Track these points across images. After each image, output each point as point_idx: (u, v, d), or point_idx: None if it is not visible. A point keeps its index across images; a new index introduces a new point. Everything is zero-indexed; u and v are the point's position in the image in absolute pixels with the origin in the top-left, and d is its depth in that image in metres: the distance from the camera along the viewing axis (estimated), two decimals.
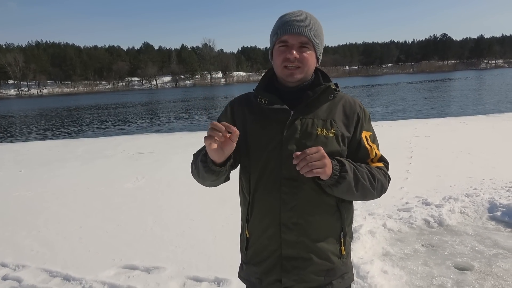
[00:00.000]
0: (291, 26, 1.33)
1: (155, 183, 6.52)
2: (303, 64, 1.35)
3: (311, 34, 1.34)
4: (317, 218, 1.38)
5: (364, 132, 1.41)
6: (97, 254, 3.83)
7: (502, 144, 8.10)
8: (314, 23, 1.37)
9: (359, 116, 1.41)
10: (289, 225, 1.38)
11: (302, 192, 1.36)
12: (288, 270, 1.41)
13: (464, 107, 19.58)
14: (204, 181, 1.43)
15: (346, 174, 1.26)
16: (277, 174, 1.36)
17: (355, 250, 3.49)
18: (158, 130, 17.26)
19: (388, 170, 1.45)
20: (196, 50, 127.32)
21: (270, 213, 1.40)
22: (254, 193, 1.43)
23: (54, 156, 9.94)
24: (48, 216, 5.08)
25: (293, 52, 1.32)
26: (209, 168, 1.30)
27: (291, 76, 1.36)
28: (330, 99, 1.40)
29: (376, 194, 1.39)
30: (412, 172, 6.22)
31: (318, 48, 1.38)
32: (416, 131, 10.71)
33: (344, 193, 1.31)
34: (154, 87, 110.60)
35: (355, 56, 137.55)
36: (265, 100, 1.40)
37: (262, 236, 1.44)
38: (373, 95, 32.51)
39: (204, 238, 4.08)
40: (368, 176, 1.34)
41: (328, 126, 1.36)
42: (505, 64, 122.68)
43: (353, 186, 1.29)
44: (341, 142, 1.37)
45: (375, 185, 1.35)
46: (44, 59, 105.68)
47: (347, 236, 1.47)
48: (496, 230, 3.97)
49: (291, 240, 1.39)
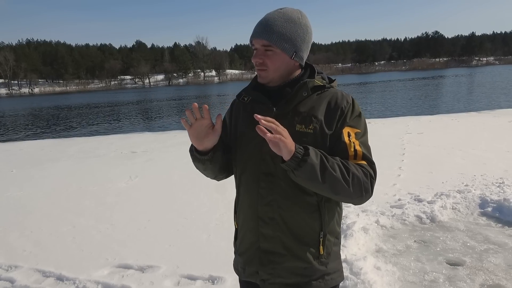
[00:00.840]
0: (255, 30, 1.37)
1: (148, 182, 6.50)
2: (267, 67, 1.38)
3: (273, 37, 1.33)
4: (293, 215, 1.38)
5: (348, 128, 1.36)
6: (91, 253, 3.82)
7: (493, 141, 8.19)
8: (281, 23, 1.34)
9: (343, 110, 1.37)
10: (265, 219, 1.41)
11: (278, 188, 1.38)
12: (264, 264, 1.44)
13: (456, 104, 19.77)
14: (199, 170, 1.54)
15: (308, 157, 1.21)
16: (256, 169, 1.41)
17: (348, 246, 3.52)
18: (151, 128, 17.19)
19: (374, 170, 1.35)
20: (189, 48, 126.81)
21: (250, 206, 1.45)
22: (239, 187, 1.51)
23: (46, 156, 9.86)
24: (40, 216, 5.05)
25: (256, 57, 1.39)
26: (194, 155, 1.45)
27: (260, 77, 1.42)
28: (304, 95, 1.38)
29: (353, 191, 1.28)
30: (404, 169, 6.26)
31: (285, 50, 1.36)
32: (408, 128, 10.79)
33: (308, 180, 1.24)
34: (147, 85, 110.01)
35: (348, 53, 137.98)
36: (248, 98, 1.47)
37: (244, 228, 1.50)
38: (366, 93, 32.65)
39: (198, 236, 4.08)
40: (340, 167, 1.26)
41: (307, 122, 1.35)
42: (496, 61, 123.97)
43: (319, 174, 1.22)
44: (320, 138, 1.35)
45: (349, 180, 1.26)
46: (35, 57, 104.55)
47: (329, 236, 1.44)
48: (487, 225, 4.02)
49: (267, 234, 1.42)
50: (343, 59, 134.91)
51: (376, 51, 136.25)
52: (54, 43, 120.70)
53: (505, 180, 5.30)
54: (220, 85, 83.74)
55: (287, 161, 1.22)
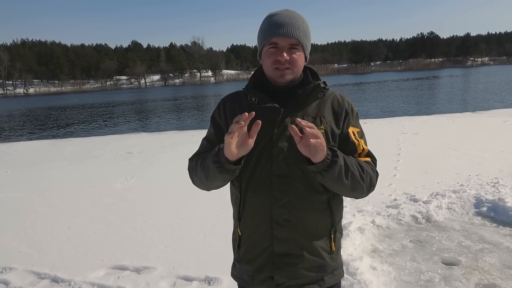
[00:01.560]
0: (281, 28, 1.33)
1: (144, 183, 6.48)
2: (293, 66, 1.37)
3: (300, 35, 1.35)
4: (308, 214, 1.40)
5: (351, 128, 1.43)
6: (86, 255, 3.80)
7: (488, 141, 8.24)
8: (302, 23, 1.38)
9: (347, 112, 1.44)
10: (280, 222, 1.39)
11: (293, 189, 1.37)
12: (280, 267, 1.43)
13: (451, 105, 19.86)
14: (211, 184, 1.41)
15: (338, 158, 1.26)
16: (268, 172, 1.38)
17: (344, 247, 3.52)
18: (147, 129, 17.14)
19: (376, 166, 1.46)
20: (185, 49, 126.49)
21: (262, 210, 1.41)
22: (246, 191, 1.44)
23: (42, 157, 9.81)
24: (35, 217, 5.02)
25: (284, 55, 1.34)
26: (224, 167, 1.29)
27: (282, 77, 1.38)
28: (319, 97, 1.43)
29: (365, 188, 1.37)
30: (400, 169, 6.29)
31: (307, 48, 1.41)
32: (404, 128, 10.83)
33: (335, 180, 1.28)
34: (143, 85, 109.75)
35: (344, 54, 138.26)
36: (255, 99, 1.42)
37: (254, 234, 1.45)
38: (362, 93, 32.74)
39: (194, 237, 4.07)
40: (357, 166, 1.34)
41: (318, 123, 1.38)
42: (490, 61, 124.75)
43: (343, 173, 1.28)
44: (331, 138, 1.39)
45: (364, 177, 1.35)
46: (30, 57, 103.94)
47: (337, 233, 1.49)
48: (482, 225, 4.05)
49: (282, 237, 1.41)
50: (339, 59, 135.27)
51: (372, 51, 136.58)
52: (49, 43, 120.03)
53: (499, 180, 5.33)
54: (216, 85, 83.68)
55: (318, 163, 1.24)
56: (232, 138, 1.21)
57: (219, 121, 1.50)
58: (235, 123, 1.20)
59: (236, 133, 1.20)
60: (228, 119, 1.47)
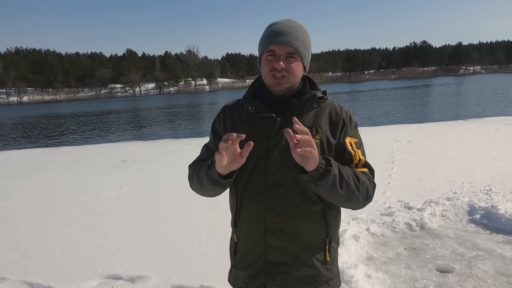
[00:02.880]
0: (279, 37, 1.36)
1: (139, 192, 6.45)
2: (289, 74, 1.38)
3: (298, 44, 1.37)
4: (302, 224, 1.40)
5: (349, 138, 1.42)
6: (80, 264, 3.77)
7: (480, 148, 8.32)
8: (301, 33, 1.40)
9: (344, 122, 1.43)
10: (273, 231, 1.40)
11: (287, 198, 1.38)
12: (273, 275, 1.43)
13: (444, 113, 20.06)
14: (206, 192, 1.47)
15: (331, 167, 1.25)
16: (263, 180, 1.39)
17: (339, 254, 3.50)
18: (141, 137, 17.09)
19: (374, 177, 1.44)
20: (180, 57, 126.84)
21: (256, 218, 1.42)
22: (241, 199, 1.46)
23: (35, 165, 9.74)
24: (28, 226, 4.97)
25: (280, 63, 1.36)
26: (216, 181, 1.33)
27: (278, 85, 1.40)
28: (314, 107, 1.42)
29: (362, 199, 1.35)
30: (394, 176, 6.33)
31: (305, 58, 1.42)
32: (398, 136, 10.90)
33: (329, 190, 1.27)
34: (137, 94, 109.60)
35: (338, 62, 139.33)
36: (252, 108, 1.44)
37: (248, 241, 1.47)
38: (356, 101, 32.96)
39: (189, 246, 4.05)
40: (353, 176, 1.33)
41: (314, 132, 1.37)
42: (482, 70, 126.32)
43: (338, 183, 1.27)
44: (327, 148, 1.39)
45: (360, 187, 1.33)
46: (24, 66, 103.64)
47: (333, 243, 1.48)
48: (476, 232, 4.07)
49: (276, 245, 1.41)
50: (333, 68, 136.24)
51: (365, 60, 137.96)
52: (44, 51, 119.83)
53: (492, 187, 5.38)
54: (211, 94, 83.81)
55: (311, 172, 1.23)
56: (222, 156, 1.23)
57: (218, 129, 1.53)
58: (223, 142, 1.21)
59: (225, 152, 1.22)
60: (227, 127, 1.50)
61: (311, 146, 1.19)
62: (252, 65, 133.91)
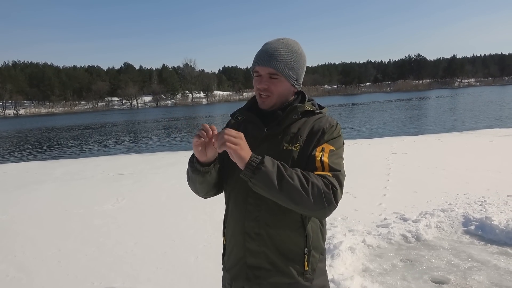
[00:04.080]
0: (260, 58, 1.46)
1: (135, 204, 6.45)
2: (272, 94, 1.47)
3: (279, 65, 1.44)
4: (278, 231, 1.44)
5: (324, 144, 1.42)
6: (76, 277, 3.76)
7: (475, 160, 8.40)
8: (285, 54, 1.46)
9: (323, 131, 1.44)
10: (251, 235, 1.46)
11: (265, 205, 1.43)
12: (250, 279, 1.48)
13: (439, 125, 20.22)
14: (194, 184, 1.53)
15: (263, 165, 1.26)
16: (245, 186, 1.41)
17: (335, 266, 3.55)
18: (138, 150, 17.09)
19: (339, 181, 1.36)
20: (178, 70, 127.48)
21: (238, 222, 1.50)
22: (228, 203, 1.57)
23: (31, 178, 9.71)
24: (24, 240, 4.96)
25: (262, 83, 1.46)
26: (195, 167, 1.44)
27: (263, 103, 1.50)
28: (294, 118, 1.48)
29: (313, 201, 1.28)
30: (390, 188, 6.37)
31: (289, 77, 1.47)
32: (393, 148, 10.99)
33: (266, 188, 1.28)
34: (134, 107, 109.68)
35: (334, 75, 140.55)
36: (241, 117, 1.56)
37: (232, 243, 1.54)
38: (352, 114, 33.18)
39: (186, 258, 4.06)
40: (299, 177, 1.29)
41: (294, 141, 1.44)
42: (477, 83, 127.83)
43: (276, 182, 1.26)
44: (306, 156, 1.42)
45: (309, 189, 1.28)
46: (21, 79, 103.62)
47: (314, 252, 1.48)
48: (471, 243, 4.11)
49: (253, 249, 1.47)
50: (329, 80, 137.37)
51: (361, 73, 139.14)
52: (41, 65, 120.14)
53: (487, 198, 5.44)
54: (208, 106, 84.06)
55: (243, 170, 1.29)
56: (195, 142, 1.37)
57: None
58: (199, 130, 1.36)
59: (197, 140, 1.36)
60: None
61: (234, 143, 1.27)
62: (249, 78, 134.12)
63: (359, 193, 5.85)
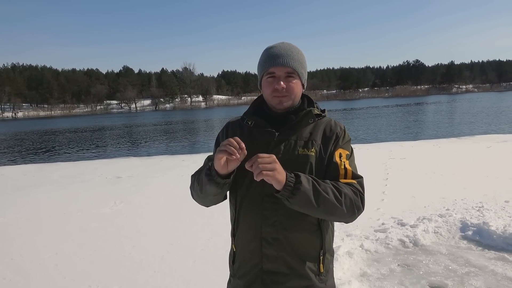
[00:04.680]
0: (277, 59, 1.46)
1: (133, 208, 6.44)
2: (290, 93, 1.48)
3: (295, 64, 1.47)
4: (296, 234, 1.45)
5: (340, 150, 1.47)
6: (73, 281, 3.75)
7: (472, 166, 8.42)
8: (297, 53, 1.50)
9: (337, 136, 1.50)
10: (269, 240, 1.46)
11: (282, 209, 1.43)
12: (268, 284, 1.48)
13: (437, 130, 20.29)
14: (206, 197, 1.48)
15: (301, 185, 1.28)
16: (260, 191, 1.45)
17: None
18: (137, 153, 17.07)
19: (362, 187, 1.45)
20: (177, 74, 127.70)
21: (253, 228, 1.48)
22: (240, 209, 1.53)
23: (29, 181, 9.69)
24: (21, 242, 4.94)
25: (281, 83, 1.46)
26: (214, 180, 1.38)
27: (281, 104, 1.49)
28: (310, 123, 1.51)
29: (346, 211, 1.36)
30: (388, 193, 6.38)
31: (302, 76, 1.52)
32: (391, 153, 11.01)
33: (304, 206, 1.32)
34: (133, 110, 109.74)
35: (333, 80, 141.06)
36: (252, 122, 1.54)
37: (245, 250, 1.52)
38: (351, 119, 33.25)
39: (184, 262, 4.05)
40: (332, 190, 1.34)
41: (309, 146, 1.46)
42: (474, 89, 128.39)
43: (313, 199, 1.30)
44: (320, 160, 1.46)
45: (342, 200, 1.34)
46: (20, 81, 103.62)
47: (327, 254, 1.52)
48: (468, 249, 4.12)
49: (271, 254, 1.46)
50: (328, 85, 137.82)
51: (360, 78, 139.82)
52: (40, 67, 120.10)
53: (484, 204, 5.45)
54: (206, 110, 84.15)
55: (281, 191, 1.29)
56: (221, 157, 1.32)
57: (220, 140, 1.62)
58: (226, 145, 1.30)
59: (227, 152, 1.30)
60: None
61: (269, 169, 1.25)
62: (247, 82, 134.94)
63: None
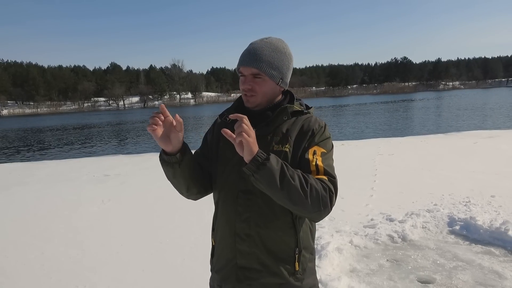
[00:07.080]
0: (243, 59, 1.45)
1: (121, 206, 6.37)
2: (256, 93, 1.46)
3: (261, 65, 1.42)
4: (269, 231, 1.44)
5: (315, 147, 1.43)
6: (60, 281, 3.68)
7: (459, 161, 8.54)
8: (268, 53, 1.44)
9: (313, 132, 1.45)
10: (242, 236, 1.45)
11: (255, 206, 1.43)
12: (241, 280, 1.47)
13: (425, 127, 20.53)
14: (171, 181, 1.50)
15: (268, 161, 1.26)
16: (235, 187, 1.45)
17: (322, 267, 3.55)
18: (125, 151, 16.90)
19: (335, 185, 1.39)
20: (165, 71, 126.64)
21: (228, 223, 1.48)
22: (218, 204, 1.55)
23: (14, 180, 9.50)
24: (6, 242, 4.84)
25: (245, 84, 1.45)
26: (162, 158, 1.42)
27: (248, 102, 1.49)
28: (285, 120, 1.48)
29: (311, 203, 1.30)
30: (376, 189, 6.42)
31: (273, 77, 1.46)
32: (379, 149, 11.09)
33: (268, 186, 1.28)
34: (121, 107, 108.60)
35: (322, 77, 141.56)
36: (230, 119, 1.52)
37: (222, 245, 1.53)
38: (339, 115, 33.45)
39: (173, 260, 4.02)
40: (300, 178, 1.30)
41: (284, 142, 1.44)
42: (461, 85, 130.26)
43: (278, 180, 1.26)
44: (293, 156, 1.43)
45: (307, 190, 1.29)
46: (4, 78, 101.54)
47: (304, 252, 1.49)
48: (456, 243, 4.16)
49: (244, 250, 1.46)
50: (317, 82, 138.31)
51: (348, 75, 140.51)
52: (26, 64, 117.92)
53: (471, 199, 5.52)
54: (196, 108, 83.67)
55: (248, 164, 1.27)
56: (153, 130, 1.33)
57: (208, 137, 1.63)
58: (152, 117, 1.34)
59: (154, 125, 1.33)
60: (214, 135, 1.60)
61: (249, 134, 1.25)
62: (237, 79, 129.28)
63: (346, 194, 5.86)
